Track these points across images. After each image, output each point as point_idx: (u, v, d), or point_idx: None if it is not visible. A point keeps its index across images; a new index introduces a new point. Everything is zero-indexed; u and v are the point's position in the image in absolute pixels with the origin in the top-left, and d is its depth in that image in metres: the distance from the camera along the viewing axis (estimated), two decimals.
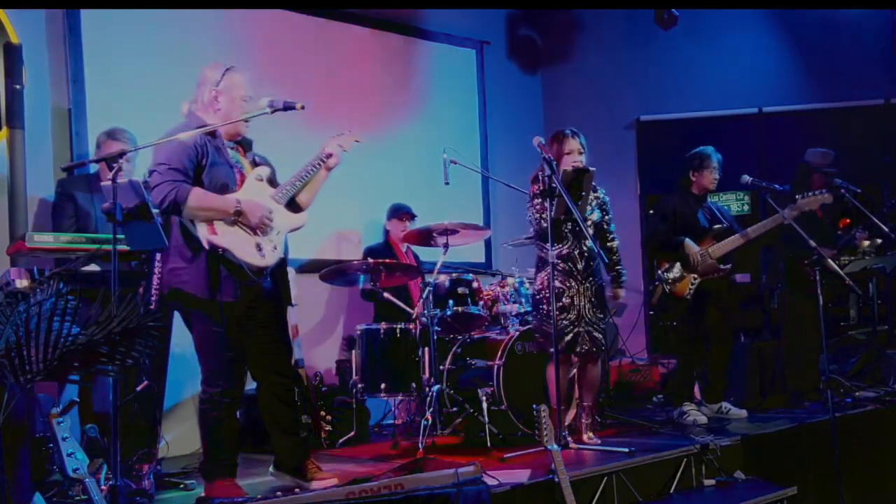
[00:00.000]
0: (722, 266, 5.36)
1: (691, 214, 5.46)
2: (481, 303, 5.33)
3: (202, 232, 3.57)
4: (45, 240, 3.92)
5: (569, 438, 4.53)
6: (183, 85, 5.63)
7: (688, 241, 5.33)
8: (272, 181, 3.89)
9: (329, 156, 3.97)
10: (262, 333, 3.82)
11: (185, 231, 3.60)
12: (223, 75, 3.76)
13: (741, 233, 5.36)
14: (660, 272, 5.39)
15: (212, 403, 3.69)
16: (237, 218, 3.60)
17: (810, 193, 5.37)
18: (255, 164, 3.90)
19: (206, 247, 3.57)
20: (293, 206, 3.94)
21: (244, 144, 3.92)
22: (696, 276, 5.34)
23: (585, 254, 4.63)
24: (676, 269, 5.35)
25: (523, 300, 5.40)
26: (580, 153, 4.68)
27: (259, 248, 3.65)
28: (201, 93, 3.79)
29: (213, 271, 3.58)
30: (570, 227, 4.62)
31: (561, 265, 4.61)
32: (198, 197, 3.55)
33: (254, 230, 3.65)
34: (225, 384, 3.67)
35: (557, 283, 4.57)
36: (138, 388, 3.93)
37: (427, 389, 4.96)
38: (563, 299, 4.58)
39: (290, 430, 3.95)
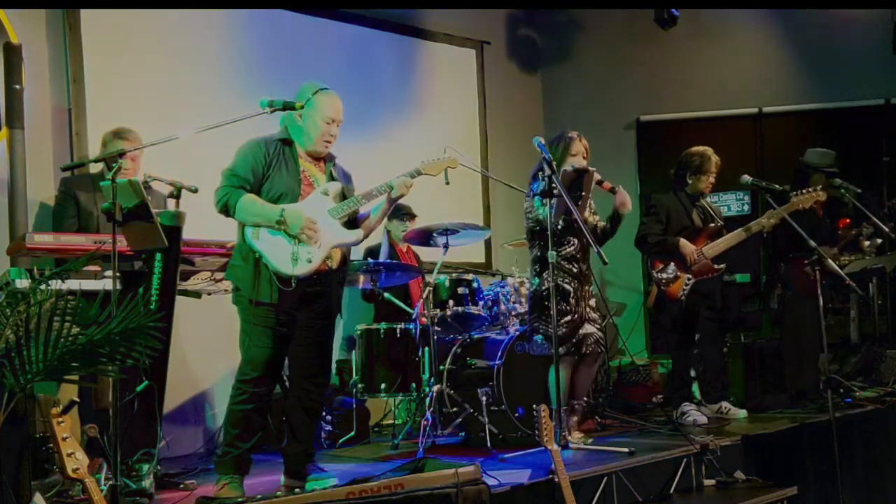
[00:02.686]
0: (716, 266, 5.36)
1: (685, 214, 5.46)
2: (481, 303, 5.32)
3: (249, 235, 3.75)
4: (45, 240, 3.92)
5: (569, 438, 4.53)
6: (183, 84, 5.69)
7: (683, 240, 5.33)
8: (343, 197, 3.94)
9: (392, 188, 3.95)
10: (300, 338, 3.90)
11: (244, 233, 3.78)
12: (313, 95, 3.87)
13: (743, 227, 5.35)
14: (654, 273, 5.38)
15: (240, 390, 3.80)
16: (279, 227, 3.70)
17: (805, 191, 5.37)
18: (331, 178, 3.97)
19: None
20: (353, 223, 3.99)
21: (326, 158, 4.01)
22: (690, 276, 5.34)
23: (586, 255, 4.66)
24: (670, 270, 5.35)
25: (523, 300, 5.40)
26: (584, 157, 4.72)
27: (294, 257, 3.73)
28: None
29: (256, 272, 3.75)
30: (576, 228, 4.65)
31: (567, 266, 4.64)
32: (246, 204, 3.72)
33: (296, 239, 3.73)
34: (252, 373, 3.78)
35: (564, 285, 4.63)
36: (138, 388, 3.93)
37: (427, 389, 4.96)
38: (570, 300, 4.62)
39: (303, 440, 3.99)
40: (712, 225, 5.43)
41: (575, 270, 4.68)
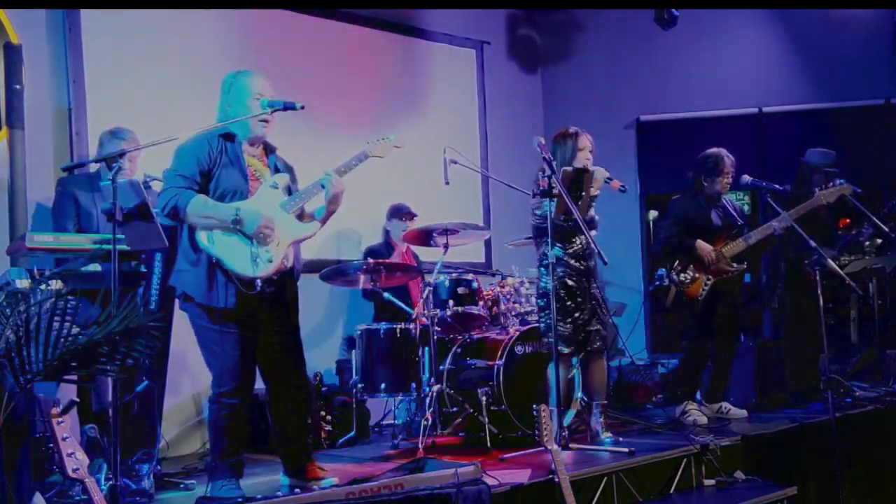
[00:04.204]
0: (735, 265, 5.36)
1: (704, 216, 5.45)
2: (481, 303, 5.33)
3: (201, 238, 3.61)
4: (45, 240, 3.91)
5: (601, 438, 4.54)
6: (183, 84, 5.70)
7: (699, 241, 5.33)
8: (290, 189, 3.85)
9: (323, 185, 3.83)
10: (270, 342, 3.82)
11: (192, 235, 3.65)
12: (233, 80, 3.80)
13: (744, 237, 5.35)
14: (672, 274, 5.37)
15: (219, 404, 3.70)
16: (235, 227, 3.59)
17: (830, 184, 5.33)
18: (276, 170, 3.88)
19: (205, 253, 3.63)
20: (306, 215, 3.91)
21: (267, 150, 3.92)
22: (709, 276, 5.33)
23: (591, 252, 4.68)
24: (689, 271, 5.35)
25: (523, 300, 5.40)
26: (591, 151, 4.75)
27: (254, 258, 3.62)
28: (221, 100, 3.83)
29: (211, 276, 3.62)
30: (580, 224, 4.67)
31: (574, 263, 4.65)
32: (197, 205, 3.59)
33: (252, 239, 3.63)
34: (230, 384, 3.67)
35: (571, 282, 4.64)
36: (138, 388, 3.93)
37: (427, 389, 4.96)
38: (578, 298, 4.63)
39: (297, 440, 3.96)
40: (725, 228, 5.42)
41: (581, 267, 4.70)
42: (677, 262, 5.38)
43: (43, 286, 3.66)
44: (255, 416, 5.11)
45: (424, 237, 5.45)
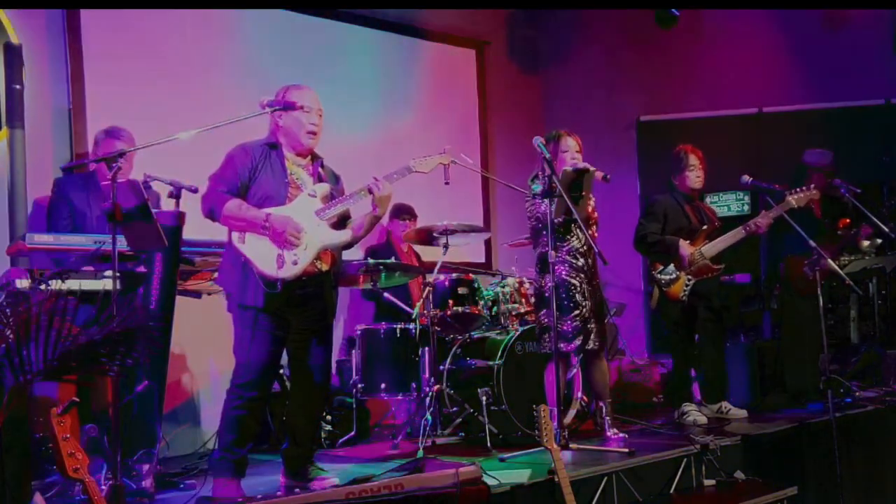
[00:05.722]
0: (715, 266, 5.35)
1: (682, 214, 5.46)
2: (481, 303, 5.32)
3: (235, 239, 3.76)
4: (45, 240, 3.92)
5: (608, 435, 4.57)
6: (183, 84, 5.69)
7: (681, 240, 5.33)
8: (331, 197, 3.94)
9: (370, 190, 3.89)
10: (296, 339, 3.92)
11: (231, 237, 3.81)
12: (284, 94, 3.91)
13: (744, 226, 5.34)
14: (655, 273, 5.38)
15: (234, 394, 3.80)
16: (264, 231, 3.71)
17: (800, 189, 5.36)
18: (319, 179, 3.97)
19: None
20: (343, 224, 3.98)
21: (313, 159, 4.03)
22: (690, 276, 5.33)
23: (590, 249, 4.68)
24: (671, 270, 5.35)
25: (523, 300, 5.40)
26: (577, 151, 4.74)
27: (279, 260, 3.73)
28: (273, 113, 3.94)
29: (244, 276, 3.77)
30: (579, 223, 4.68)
31: (572, 261, 4.66)
32: (231, 209, 3.74)
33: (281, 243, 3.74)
34: (246, 376, 3.77)
35: (571, 279, 4.66)
36: (138, 388, 3.93)
37: (427, 389, 4.96)
38: (577, 296, 4.63)
39: (301, 442, 4.00)
40: (705, 227, 5.42)
41: (580, 264, 4.70)
42: (658, 261, 5.38)
43: (43, 286, 3.66)
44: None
45: (425, 237, 5.45)
